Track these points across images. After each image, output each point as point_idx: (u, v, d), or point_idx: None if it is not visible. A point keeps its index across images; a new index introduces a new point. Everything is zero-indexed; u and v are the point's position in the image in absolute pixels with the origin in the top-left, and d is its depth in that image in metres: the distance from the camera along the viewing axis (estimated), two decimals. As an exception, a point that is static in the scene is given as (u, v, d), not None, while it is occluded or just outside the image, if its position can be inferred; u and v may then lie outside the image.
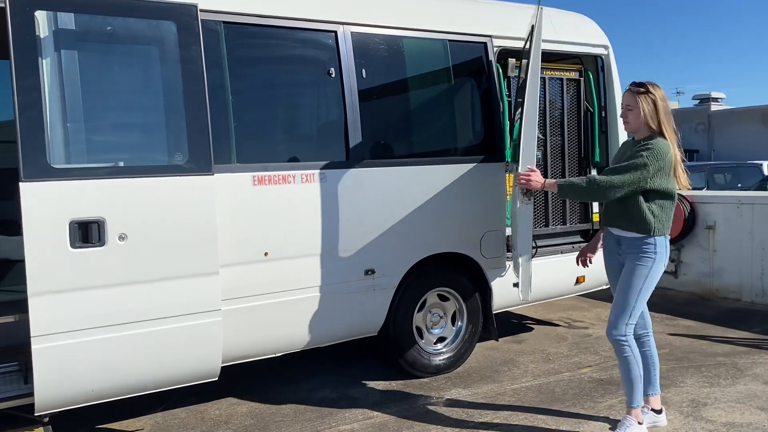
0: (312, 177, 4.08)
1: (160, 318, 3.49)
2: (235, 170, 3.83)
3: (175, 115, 3.55)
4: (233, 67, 3.88)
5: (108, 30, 3.44)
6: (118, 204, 3.33)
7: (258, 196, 3.88)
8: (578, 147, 5.57)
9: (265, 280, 3.94)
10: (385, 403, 4.31)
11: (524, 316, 6.54)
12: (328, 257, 4.16)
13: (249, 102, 4.01)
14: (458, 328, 4.91)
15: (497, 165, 4.83)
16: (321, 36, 4.20)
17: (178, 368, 3.59)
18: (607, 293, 7.44)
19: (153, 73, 3.62)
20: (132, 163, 3.44)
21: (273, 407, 4.29)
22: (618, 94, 5.60)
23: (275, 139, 4.14)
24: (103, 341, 3.35)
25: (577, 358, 5.15)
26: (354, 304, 4.30)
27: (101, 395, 3.44)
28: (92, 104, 3.39)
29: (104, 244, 3.31)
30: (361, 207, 4.24)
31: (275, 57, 4.11)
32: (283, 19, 4.03)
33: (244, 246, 3.85)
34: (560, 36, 5.29)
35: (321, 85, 4.29)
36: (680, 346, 5.43)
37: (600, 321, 6.30)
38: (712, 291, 7.25)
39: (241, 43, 3.93)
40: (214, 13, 3.79)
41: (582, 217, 5.62)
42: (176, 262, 3.50)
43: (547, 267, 5.22)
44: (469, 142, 4.89)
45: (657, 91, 3.51)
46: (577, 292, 5.58)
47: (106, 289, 3.33)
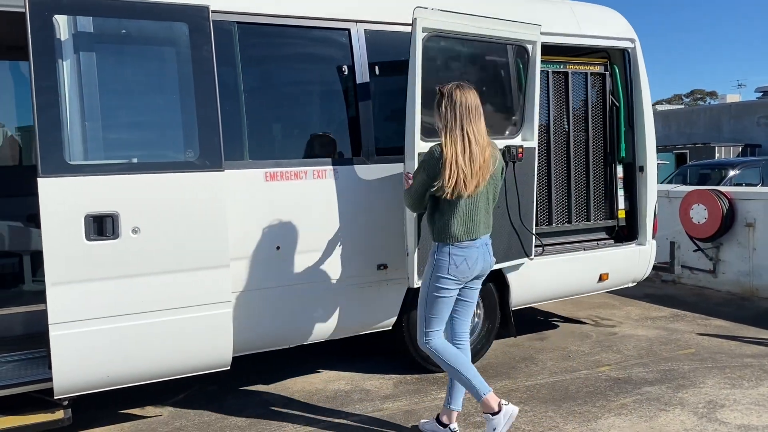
0: (324, 173, 4.16)
1: (172, 308, 3.62)
2: (248, 166, 3.94)
3: (186, 114, 3.67)
4: (246, 66, 3.99)
5: (122, 32, 3.59)
6: (131, 199, 3.48)
7: (270, 191, 3.98)
8: (603, 142, 5.49)
9: (277, 273, 4.04)
10: (397, 396, 4.36)
11: (551, 313, 6.49)
12: (340, 252, 4.23)
13: (262, 100, 4.11)
14: (474, 324, 4.91)
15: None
16: (334, 34, 4.26)
17: (189, 357, 3.73)
18: (640, 291, 7.33)
19: (165, 73, 3.76)
20: (145, 159, 3.58)
21: (286, 397, 4.40)
22: (645, 89, 5.49)
23: (287, 137, 4.23)
24: (117, 330, 3.50)
25: (598, 357, 5.09)
26: (366, 299, 4.36)
27: (116, 381, 3.60)
28: (107, 103, 3.54)
29: (118, 237, 3.45)
30: (373, 202, 4.29)
31: (287, 55, 4.20)
32: (295, 18, 4.11)
33: (256, 240, 3.95)
34: (583, 30, 5.22)
35: (334, 82, 4.36)
36: (708, 346, 5.30)
37: (629, 320, 6.20)
38: (751, 290, 7.02)
39: (254, 42, 4.03)
40: (227, 14, 3.90)
41: (608, 214, 5.53)
42: (187, 255, 3.62)
43: (568, 264, 5.17)
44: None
45: (445, 90, 3.42)
46: (600, 290, 5.50)
47: (120, 280, 3.48)
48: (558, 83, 5.26)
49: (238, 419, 4.06)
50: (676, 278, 7.74)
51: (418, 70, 3.97)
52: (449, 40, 4.32)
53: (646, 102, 5.50)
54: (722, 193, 7.11)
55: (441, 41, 4.29)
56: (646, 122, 5.49)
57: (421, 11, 3.98)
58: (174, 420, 4.08)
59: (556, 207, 5.26)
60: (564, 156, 5.29)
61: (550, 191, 5.22)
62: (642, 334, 5.69)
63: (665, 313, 6.44)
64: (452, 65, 4.46)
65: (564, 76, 5.29)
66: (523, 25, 4.55)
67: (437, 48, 4.31)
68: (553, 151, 5.23)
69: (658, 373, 4.66)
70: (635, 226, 5.58)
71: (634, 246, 5.52)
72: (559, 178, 5.27)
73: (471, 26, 4.29)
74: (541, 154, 5.19)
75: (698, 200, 7.18)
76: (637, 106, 5.50)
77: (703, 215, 7.14)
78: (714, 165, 15.70)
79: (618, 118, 5.52)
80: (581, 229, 5.42)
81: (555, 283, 5.16)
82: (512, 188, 4.56)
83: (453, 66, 4.47)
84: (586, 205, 5.42)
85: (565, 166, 5.30)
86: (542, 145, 5.19)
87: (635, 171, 5.55)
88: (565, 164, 5.30)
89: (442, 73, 4.39)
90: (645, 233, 5.53)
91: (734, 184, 14.23)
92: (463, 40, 4.39)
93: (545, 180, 5.22)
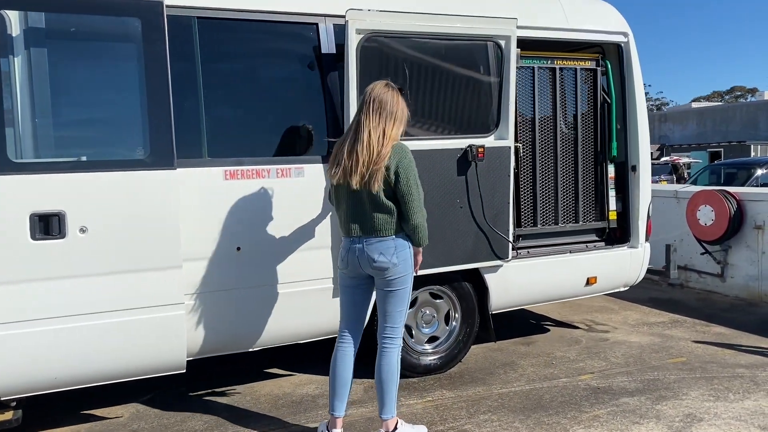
0: (289, 172, 4.05)
1: (122, 310, 3.55)
2: (206, 164, 3.85)
3: (137, 111, 3.60)
4: (207, 62, 3.90)
5: (72, 27, 3.53)
6: (78, 198, 3.42)
7: (230, 190, 3.89)
8: (594, 141, 5.28)
9: (237, 275, 3.94)
10: (363, 402, 4.24)
11: (544, 316, 6.29)
12: (306, 253, 4.12)
13: (224, 97, 4.02)
14: (452, 328, 4.76)
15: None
16: (300, 29, 4.15)
17: (140, 360, 3.66)
18: (644, 294, 7.08)
19: (117, 70, 3.69)
20: (94, 157, 3.52)
21: (253, 400, 4.31)
22: (638, 85, 5.26)
23: (249, 134, 4.12)
24: (64, 331, 3.44)
25: (582, 364, 4.89)
26: (334, 301, 4.24)
27: (65, 383, 3.55)
28: (54, 100, 3.49)
29: (65, 237, 3.40)
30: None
31: (251, 51, 4.10)
32: (259, 12, 4.01)
33: (215, 240, 3.87)
34: (572, 23, 5.01)
35: (300, 78, 4.25)
36: (701, 355, 5.05)
37: (624, 325, 5.97)
38: (760, 295, 6.70)
39: (215, 37, 3.93)
40: (186, 9, 3.81)
41: (598, 215, 5.32)
42: (137, 256, 3.56)
43: (553, 267, 4.98)
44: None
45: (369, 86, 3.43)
46: (589, 294, 5.29)
47: (67, 280, 3.43)
48: (544, 79, 5.07)
49: (197, 423, 3.98)
50: (684, 282, 7.46)
51: (352, 74, 3.91)
52: (406, 39, 4.20)
53: (640, 99, 5.26)
54: (730, 193, 6.80)
55: (396, 41, 4.18)
56: (639, 120, 5.26)
57: (354, 13, 3.87)
58: (132, 422, 4.02)
59: (541, 208, 5.07)
60: (551, 155, 5.10)
61: (535, 191, 5.04)
62: (635, 340, 5.47)
63: (664, 318, 6.19)
64: (416, 65, 4.31)
65: (551, 72, 5.10)
66: (494, 20, 4.39)
67: (393, 48, 4.20)
68: (539, 150, 5.04)
69: (640, 383, 4.45)
70: (628, 228, 5.36)
71: (626, 249, 5.30)
72: (544, 177, 5.07)
73: (422, 25, 4.16)
74: (527, 153, 5.01)
75: (705, 201, 6.89)
76: (630, 103, 5.27)
77: (710, 217, 6.85)
78: (741, 164, 15.22)
79: (610, 115, 5.30)
80: (569, 231, 5.22)
81: (539, 287, 4.97)
82: (475, 188, 4.40)
83: (417, 65, 4.32)
84: (575, 206, 5.21)
85: (551, 166, 5.11)
86: (527, 144, 5.02)
87: (627, 170, 5.33)
88: (551, 164, 5.10)
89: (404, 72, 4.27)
90: (637, 235, 5.31)
91: (761, 184, 13.78)
92: (423, 39, 4.26)
93: (530, 180, 5.03)
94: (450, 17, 4.33)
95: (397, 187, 3.32)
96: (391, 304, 3.51)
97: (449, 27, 4.29)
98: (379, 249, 3.41)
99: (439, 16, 4.29)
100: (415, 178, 3.36)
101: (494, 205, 4.55)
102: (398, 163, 3.31)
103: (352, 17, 3.96)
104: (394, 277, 3.46)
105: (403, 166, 3.31)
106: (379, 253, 3.41)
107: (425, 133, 4.41)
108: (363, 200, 3.38)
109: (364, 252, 3.45)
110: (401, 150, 3.35)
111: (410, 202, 3.34)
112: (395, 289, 3.49)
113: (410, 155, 3.37)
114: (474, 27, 4.36)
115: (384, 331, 3.55)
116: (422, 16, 4.21)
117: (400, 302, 3.52)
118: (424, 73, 4.36)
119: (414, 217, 3.36)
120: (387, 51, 4.21)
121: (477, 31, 4.38)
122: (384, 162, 3.28)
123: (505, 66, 4.49)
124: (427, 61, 4.35)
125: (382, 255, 3.41)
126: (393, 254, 3.42)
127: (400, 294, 3.51)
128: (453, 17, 4.34)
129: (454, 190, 4.38)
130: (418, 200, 3.36)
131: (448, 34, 4.32)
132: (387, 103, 3.33)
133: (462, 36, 4.36)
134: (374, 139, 3.30)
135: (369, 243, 3.43)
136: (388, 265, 3.42)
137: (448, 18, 4.31)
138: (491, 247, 4.58)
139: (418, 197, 3.37)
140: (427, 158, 4.26)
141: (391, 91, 3.38)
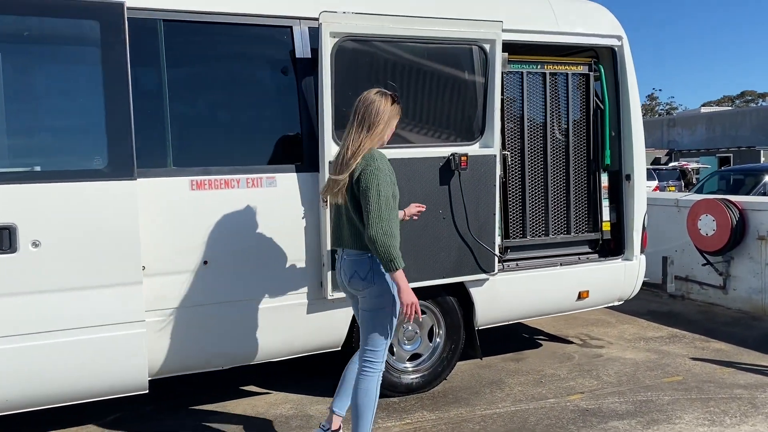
0: (259, 181, 3.86)
1: (78, 328, 3.37)
2: (171, 174, 3.67)
3: (95, 119, 3.42)
4: (173, 67, 3.72)
5: (26, 30, 3.35)
6: (30, 210, 3.24)
7: (197, 201, 3.70)
8: (587, 149, 5.06)
9: (205, 290, 3.76)
10: (339, 424, 4.03)
11: (538, 330, 6.06)
12: (279, 267, 3.93)
13: (191, 103, 3.84)
14: (435, 344, 4.55)
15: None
16: (274, 32, 3.96)
17: (99, 380, 3.47)
18: (644, 307, 6.84)
19: (74, 75, 3.52)
20: (48, 167, 3.34)
21: (224, 419, 4.12)
22: (633, 91, 5.05)
23: (218, 142, 3.92)
24: (16, 350, 3.26)
25: (573, 383, 4.66)
26: (308, 317, 4.04)
27: (17, 405, 3.37)
28: (7, 107, 3.31)
29: (16, 251, 3.22)
30: (316, 213, 3.97)
31: (221, 55, 3.90)
32: (230, 15, 3.83)
33: (181, 254, 3.68)
34: (562, 26, 4.80)
35: (274, 84, 4.07)
36: (698, 373, 4.82)
37: (620, 340, 5.74)
38: (763, 309, 6.45)
39: (183, 41, 3.76)
40: (151, 11, 3.64)
41: (591, 226, 5.09)
42: (95, 271, 3.37)
43: (542, 280, 4.76)
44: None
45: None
46: (581, 309, 5.06)
47: (19, 296, 3.25)
48: (534, 85, 4.86)
49: (162, 445, 3.80)
50: (685, 293, 7.22)
51: (327, 80, 3.76)
52: (384, 43, 4.02)
53: (634, 105, 5.05)
54: (732, 202, 6.56)
55: (374, 45, 4.00)
56: (633, 127, 5.04)
57: (328, 15, 3.69)
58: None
59: (530, 218, 4.85)
60: (541, 164, 4.88)
61: (524, 202, 4.83)
62: (630, 357, 5.24)
63: (663, 333, 5.95)
64: (396, 70, 4.12)
65: (541, 77, 4.89)
66: (478, 23, 4.19)
67: (370, 52, 4.02)
68: (528, 159, 4.83)
69: (632, 405, 4.22)
70: (622, 240, 5.14)
71: (620, 261, 5.07)
72: (534, 187, 4.86)
73: (400, 28, 3.98)
74: (515, 161, 4.80)
75: (706, 210, 6.65)
76: (624, 110, 5.06)
77: (712, 227, 6.61)
78: (749, 171, 14.89)
79: (603, 122, 5.09)
80: (560, 243, 5.00)
81: (527, 301, 4.75)
82: (458, 199, 4.20)
83: (397, 70, 4.12)
84: (566, 217, 4.99)
85: (541, 175, 4.89)
86: (516, 153, 4.81)
87: (622, 179, 5.11)
88: (541, 173, 4.89)
89: (383, 77, 4.08)
90: (632, 247, 5.08)
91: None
92: (403, 43, 4.07)
93: (519, 190, 4.82)
94: (431, 20, 4.15)
95: (363, 201, 3.10)
96: (370, 325, 3.28)
97: (430, 30, 4.11)
98: (354, 266, 3.23)
99: (418, 19, 4.10)
100: (376, 188, 3.06)
101: (479, 216, 4.34)
102: (362, 171, 3.10)
103: (325, 20, 3.78)
104: (371, 297, 3.23)
105: (365, 175, 3.09)
106: (353, 271, 3.23)
107: (406, 141, 4.21)
108: (341, 211, 3.27)
109: (341, 267, 3.30)
110: (369, 158, 3.14)
111: (367, 213, 3.06)
112: (372, 310, 3.26)
113: (378, 164, 3.12)
114: (456, 30, 4.17)
115: (364, 354, 3.32)
116: (400, 18, 4.02)
117: (380, 325, 3.26)
118: (406, 78, 4.17)
119: (369, 230, 3.03)
120: (364, 55, 4.02)
121: (460, 35, 4.19)
122: (349, 171, 3.10)
123: (489, 71, 4.30)
124: (407, 66, 4.16)
125: (356, 273, 3.22)
126: (368, 272, 3.20)
127: (379, 316, 3.25)
128: (434, 20, 4.15)
129: (436, 201, 4.17)
130: (376, 212, 3.03)
131: (429, 38, 4.13)
132: (371, 113, 3.16)
133: (444, 40, 4.17)
134: (350, 149, 3.15)
135: (348, 257, 3.27)
136: (361, 284, 3.21)
137: (429, 21, 4.13)
138: (476, 260, 4.37)
139: (377, 208, 3.04)
140: (408, 167, 4.06)
141: (381, 99, 3.19)
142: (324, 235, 3.91)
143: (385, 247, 3.02)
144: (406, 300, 3.10)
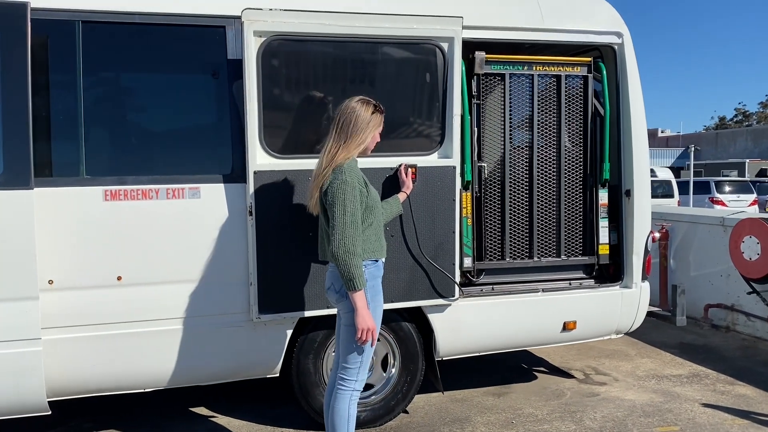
0: (181, 192, 3.59)
1: (-33, 344, 3.22)
2: (83, 184, 3.46)
3: (-11, 125, 3.25)
4: (90, 71, 3.51)
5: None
6: None
7: (110, 212, 3.48)
8: (582, 161, 4.47)
9: (117, 308, 3.52)
10: None
11: (542, 359, 5.47)
12: (203, 285, 3.64)
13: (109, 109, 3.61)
14: (389, 375, 4.12)
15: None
16: (205, 33, 3.68)
17: (-9, 399, 3.30)
18: (676, 338, 6.08)
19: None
20: (-64, 175, 3.21)
21: (150, 446, 3.88)
22: (635, 95, 4.42)
23: (136, 150, 3.67)
24: None
25: (548, 426, 4.10)
26: (236, 340, 3.73)
27: None
28: None
29: None
30: (245, 227, 3.65)
31: (145, 58, 3.65)
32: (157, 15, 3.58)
33: (92, 268, 3.46)
34: (548, 22, 4.24)
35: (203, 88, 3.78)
36: (701, 424, 4.12)
37: (630, 376, 5.06)
38: (816, 348, 5.57)
39: (102, 43, 3.53)
40: (67, 12, 3.44)
41: (585, 249, 4.49)
42: (-15, 285, 3.21)
43: (519, 308, 4.23)
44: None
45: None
46: (567, 341, 4.46)
47: None
48: (519, 88, 4.33)
49: (73, 469, 3.59)
50: (731, 324, 6.37)
51: (252, 83, 3.49)
52: (321, 43, 3.66)
53: (636, 111, 4.41)
54: (776, 223, 5.71)
55: (309, 45, 3.65)
56: (635, 135, 4.41)
57: (251, 12, 3.36)
58: (8, 463, 3.69)
59: (510, 239, 4.33)
60: (525, 177, 4.35)
61: (503, 219, 4.31)
62: (630, 398, 4.58)
63: (684, 370, 5.22)
64: (336, 73, 3.75)
65: (529, 80, 4.36)
66: (433, 19, 3.75)
67: (305, 53, 3.68)
68: (509, 172, 4.31)
69: (602, 460, 3.64)
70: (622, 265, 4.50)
71: (617, 289, 4.44)
72: (516, 204, 4.33)
73: (338, 26, 3.60)
74: (495, 174, 4.30)
75: (750, 231, 5.81)
76: (624, 116, 4.43)
77: (756, 250, 5.76)
78: None
79: (602, 130, 4.48)
80: (547, 267, 4.43)
81: (498, 331, 4.23)
82: (407, 215, 3.77)
83: (338, 73, 3.76)
84: (556, 238, 4.42)
85: (526, 190, 4.36)
86: (496, 164, 4.31)
87: (621, 196, 4.49)
88: (526, 188, 4.35)
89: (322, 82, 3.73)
90: (631, 273, 4.44)
91: None
92: (344, 42, 3.69)
93: (498, 206, 4.32)
94: (378, 17, 3.74)
95: (329, 211, 3.02)
96: (346, 340, 3.15)
97: (375, 28, 3.71)
98: (331, 278, 3.18)
99: (363, 16, 3.71)
100: (341, 204, 2.96)
101: (435, 235, 3.89)
102: (330, 184, 3.02)
103: (248, 17, 3.47)
104: (344, 312, 3.13)
105: (331, 189, 3.00)
106: (330, 283, 3.19)
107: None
108: (320, 225, 3.25)
109: (329, 277, 3.23)
110: (338, 171, 3.03)
111: (332, 228, 3.00)
112: (348, 325, 3.12)
113: (346, 177, 2.99)
114: (407, 28, 3.74)
115: (339, 370, 3.21)
116: (337, 15, 3.64)
117: (354, 342, 3.08)
118: (348, 82, 3.79)
119: (332, 245, 2.96)
120: (297, 57, 3.67)
121: (411, 33, 3.76)
122: (320, 183, 3.06)
123: (448, 73, 3.84)
124: (350, 69, 3.77)
125: (332, 285, 3.16)
126: (342, 286, 3.07)
127: (353, 332, 3.06)
128: (381, 16, 3.74)
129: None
130: (341, 227, 2.95)
131: (373, 36, 3.73)
132: (349, 124, 3.07)
133: (392, 38, 3.76)
134: (324, 160, 3.08)
135: (330, 269, 3.21)
136: (335, 296, 3.15)
137: (374, 17, 3.72)
138: (431, 284, 3.92)
139: (343, 224, 2.95)
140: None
141: (360, 108, 3.09)
142: (251, 252, 3.60)
143: (345, 266, 2.94)
144: (362, 324, 2.99)
